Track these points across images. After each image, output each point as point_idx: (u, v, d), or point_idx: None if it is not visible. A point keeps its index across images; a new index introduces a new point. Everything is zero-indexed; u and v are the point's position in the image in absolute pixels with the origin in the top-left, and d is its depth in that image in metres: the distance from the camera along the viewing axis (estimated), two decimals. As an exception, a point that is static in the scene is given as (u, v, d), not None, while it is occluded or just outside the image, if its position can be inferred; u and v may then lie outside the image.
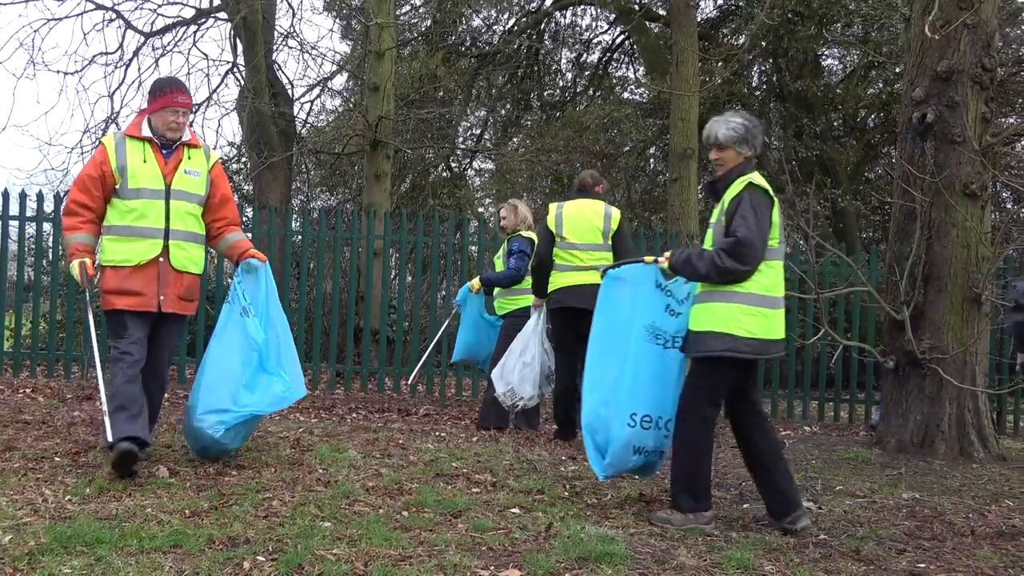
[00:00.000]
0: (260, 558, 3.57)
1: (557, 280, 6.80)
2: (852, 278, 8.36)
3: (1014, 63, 11.60)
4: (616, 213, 6.87)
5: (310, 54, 21.19)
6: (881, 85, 17.33)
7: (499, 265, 7.84)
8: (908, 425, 6.93)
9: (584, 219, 6.80)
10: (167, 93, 5.07)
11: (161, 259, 5.01)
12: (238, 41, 13.60)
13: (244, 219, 11.82)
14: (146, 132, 5.04)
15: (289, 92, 14.11)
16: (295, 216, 11.01)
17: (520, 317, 7.26)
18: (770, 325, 4.31)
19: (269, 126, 12.96)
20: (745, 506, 4.94)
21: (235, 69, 13.96)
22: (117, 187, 4.98)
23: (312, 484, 4.86)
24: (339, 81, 18.18)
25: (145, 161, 5.01)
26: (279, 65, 15.85)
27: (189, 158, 5.16)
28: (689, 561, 3.85)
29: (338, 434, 6.58)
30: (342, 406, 8.72)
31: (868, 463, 6.41)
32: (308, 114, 16.93)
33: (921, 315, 6.94)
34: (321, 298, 10.19)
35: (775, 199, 4.33)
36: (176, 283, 5.07)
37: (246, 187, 16.01)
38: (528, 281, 7.31)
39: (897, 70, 15.31)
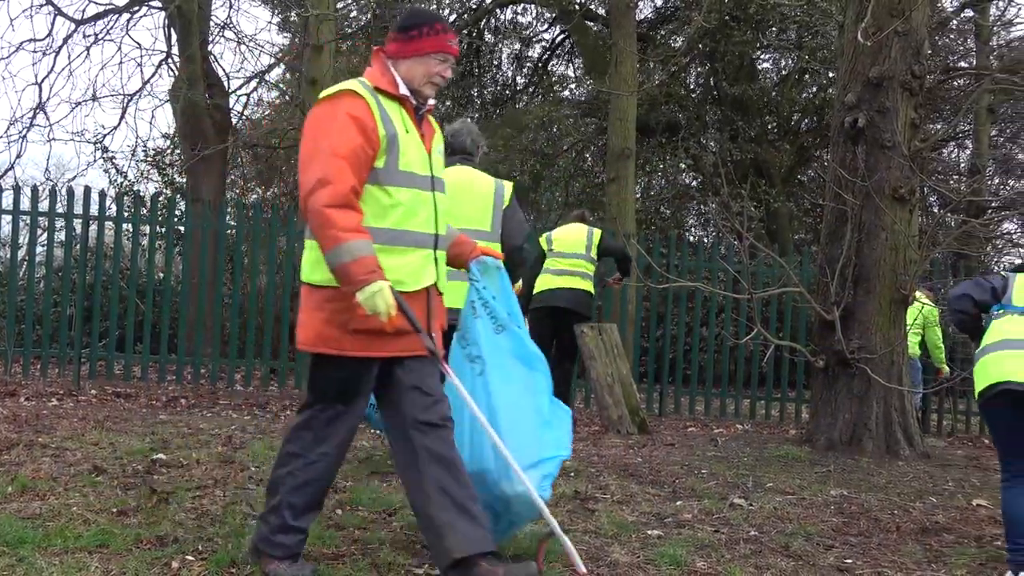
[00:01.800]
0: (189, 557, 3.50)
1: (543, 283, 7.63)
2: (784, 279, 8.50)
3: (942, 71, 11.90)
4: (597, 231, 7.91)
5: (247, 46, 20.82)
6: (815, 90, 17.67)
7: None
8: (837, 423, 7.07)
9: (574, 238, 7.79)
10: (438, 32, 3.43)
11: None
12: (172, 31, 13.35)
13: (177, 212, 11.63)
14: (403, 88, 3.39)
15: (225, 84, 13.89)
16: (229, 210, 10.84)
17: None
18: None
19: (204, 118, 12.74)
20: (679, 503, 4.99)
21: (169, 59, 13.70)
22: (378, 166, 3.25)
23: (244, 482, 4.78)
24: (276, 74, 17.94)
25: (408, 132, 3.36)
26: (215, 56, 15.61)
27: (435, 131, 3.58)
28: (622, 558, 3.88)
29: (272, 431, 6.50)
30: (276, 403, 8.62)
31: (798, 460, 6.53)
32: (244, 107, 16.68)
33: (851, 316, 7.08)
34: (255, 293, 10.05)
35: None
36: (441, 315, 3.54)
37: (179, 180, 15.73)
38: None
39: (830, 75, 15.62)
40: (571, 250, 7.73)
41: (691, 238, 17.89)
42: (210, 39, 13.54)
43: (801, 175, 18.66)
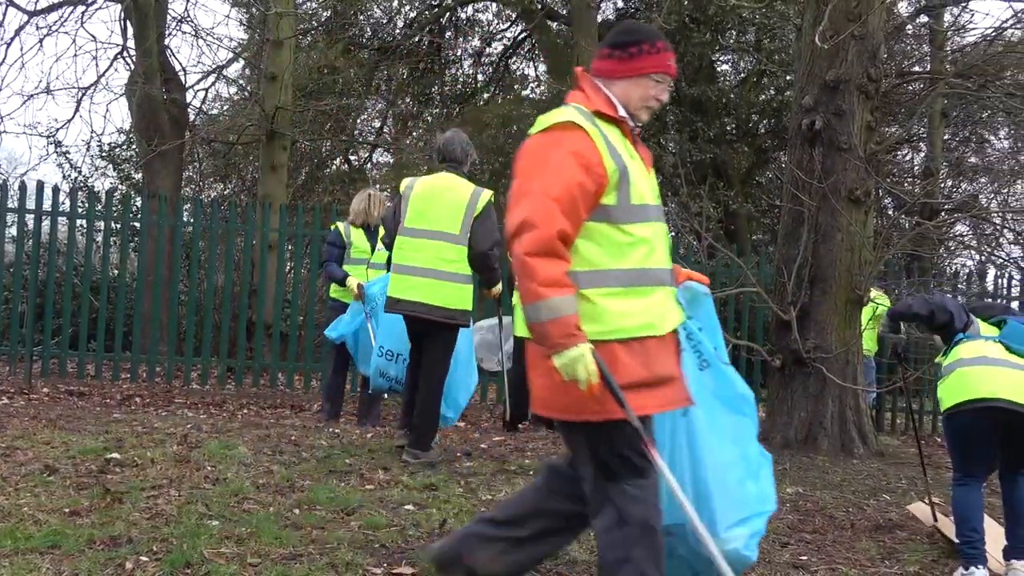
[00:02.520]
0: (144, 558, 3.46)
1: None
2: (742, 279, 8.58)
3: (898, 75, 12.08)
4: None
5: (205, 40, 20.60)
6: (773, 92, 17.85)
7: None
8: (793, 422, 7.15)
9: None
10: (659, 51, 3.07)
11: None
12: (128, 24, 13.14)
13: (133, 209, 11.46)
14: (622, 111, 3.05)
15: (182, 78, 13.69)
16: (186, 206, 10.71)
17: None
18: None
19: (160, 113, 12.56)
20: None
21: (125, 53, 13.47)
22: (609, 203, 2.92)
23: (200, 482, 4.73)
24: (235, 69, 17.75)
25: (632, 158, 3.04)
26: (172, 50, 15.42)
27: (650, 154, 3.28)
28: (581, 556, 3.89)
29: (228, 430, 6.43)
30: (233, 402, 8.53)
31: (755, 459, 6.58)
32: (202, 102, 16.48)
33: (807, 315, 7.16)
34: (212, 291, 9.95)
35: None
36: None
37: (135, 175, 15.51)
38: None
39: (788, 78, 15.78)
40: None
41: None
42: (167, 32, 13.35)
43: (759, 176, 18.85)
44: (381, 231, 6.15)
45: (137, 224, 10.83)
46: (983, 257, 17.45)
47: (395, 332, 5.91)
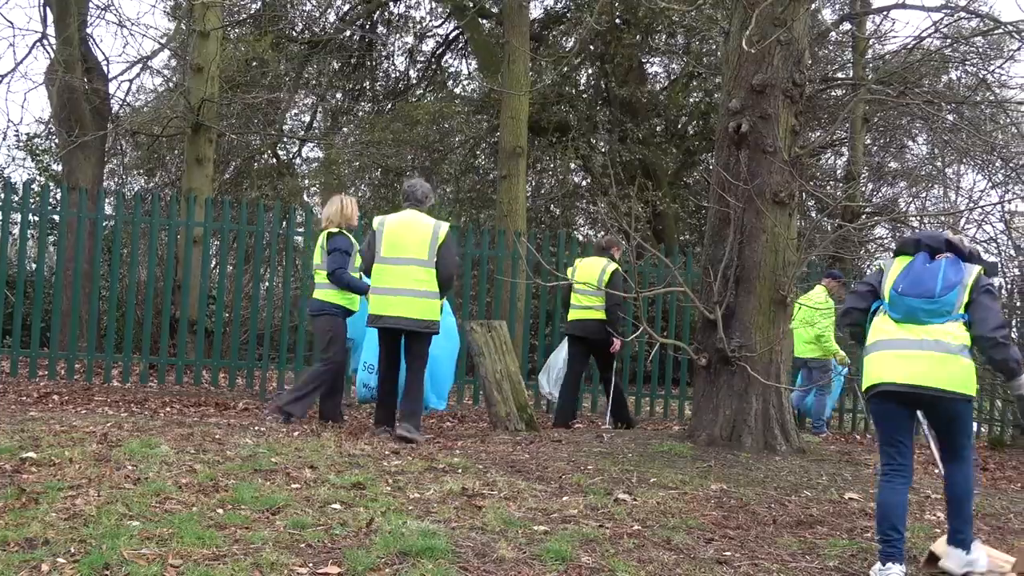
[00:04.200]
0: (61, 560, 3.37)
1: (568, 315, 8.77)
2: (670, 278, 8.70)
3: (821, 80, 12.35)
4: (611, 268, 8.50)
5: (129, 30, 20.11)
6: (701, 95, 18.12)
7: (317, 258, 7.59)
8: (718, 420, 7.25)
9: (590, 272, 8.51)
10: None
11: None
12: (48, 11, 12.77)
13: (51, 201, 11.14)
14: None
15: (105, 68, 13.35)
16: (108, 199, 10.45)
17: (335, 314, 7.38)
18: None
19: (81, 103, 12.24)
20: (565, 499, 5.05)
21: (45, 40, 13.08)
22: None
23: (120, 481, 4.62)
24: (160, 60, 17.38)
25: None
26: (94, 39, 15.00)
27: None
28: (509, 554, 3.90)
29: (150, 429, 6.29)
30: (155, 400, 8.36)
31: (681, 456, 6.68)
32: (126, 93, 16.10)
33: (732, 315, 7.27)
34: (135, 286, 9.73)
35: None
36: None
37: (55, 167, 15.09)
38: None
39: (716, 81, 16.04)
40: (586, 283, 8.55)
41: (580, 237, 18.09)
42: (89, 21, 13.01)
43: (687, 177, 19.11)
44: (358, 260, 7.30)
45: (56, 217, 10.54)
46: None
47: (374, 347, 7.12)
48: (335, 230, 7.34)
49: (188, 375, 9.85)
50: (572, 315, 8.70)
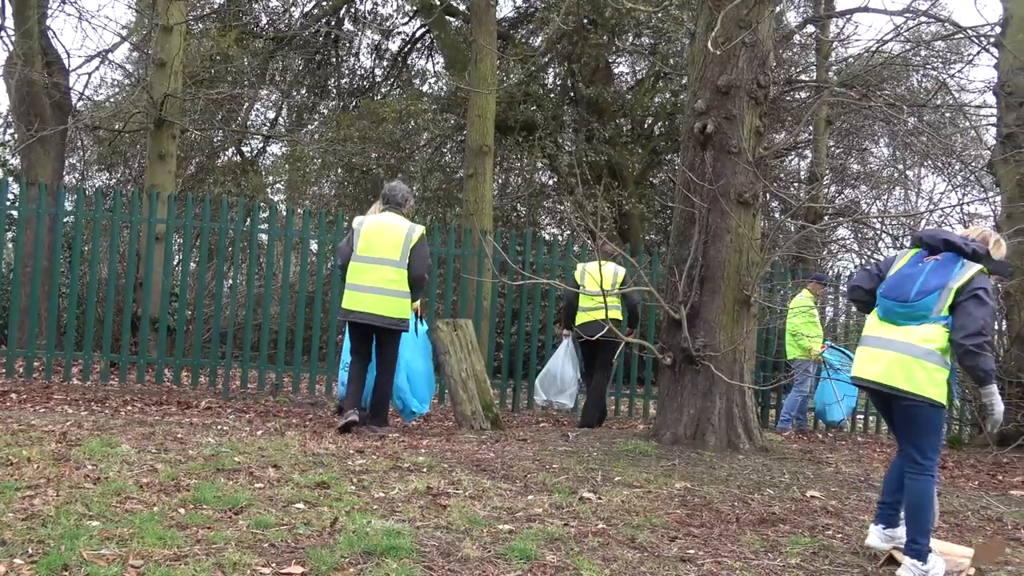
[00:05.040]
0: (18, 561, 3.31)
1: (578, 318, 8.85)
2: (635, 278, 8.72)
3: (786, 82, 12.46)
4: (622, 272, 8.89)
5: (90, 23, 19.82)
6: (667, 95, 18.19)
7: None
8: (682, 419, 7.30)
9: (606, 277, 8.58)
10: None
11: None
12: (7, 3, 12.55)
13: (10, 197, 10.96)
14: None
15: (65, 62, 13.16)
16: (68, 195, 10.30)
17: None
18: None
19: (41, 97, 12.04)
20: (530, 497, 5.05)
21: (3, 33, 12.87)
22: None
23: (80, 481, 4.55)
24: (122, 54, 17.17)
25: None
26: (54, 32, 14.78)
27: None
28: (474, 553, 3.89)
29: (110, 428, 6.21)
30: (116, 398, 8.25)
31: (645, 455, 6.71)
32: (86, 87, 15.87)
33: (697, 315, 7.32)
34: (95, 283, 9.60)
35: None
36: None
37: (13, 162, 14.85)
38: None
39: (682, 82, 16.12)
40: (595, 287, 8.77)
41: (546, 236, 18.13)
42: (49, 13, 12.82)
43: (653, 177, 19.19)
44: None
45: (15, 212, 10.37)
46: (864, 260, 18.18)
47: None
48: None
49: (150, 373, 9.74)
50: (585, 317, 8.79)
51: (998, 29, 10.04)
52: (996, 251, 4.27)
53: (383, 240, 7.06)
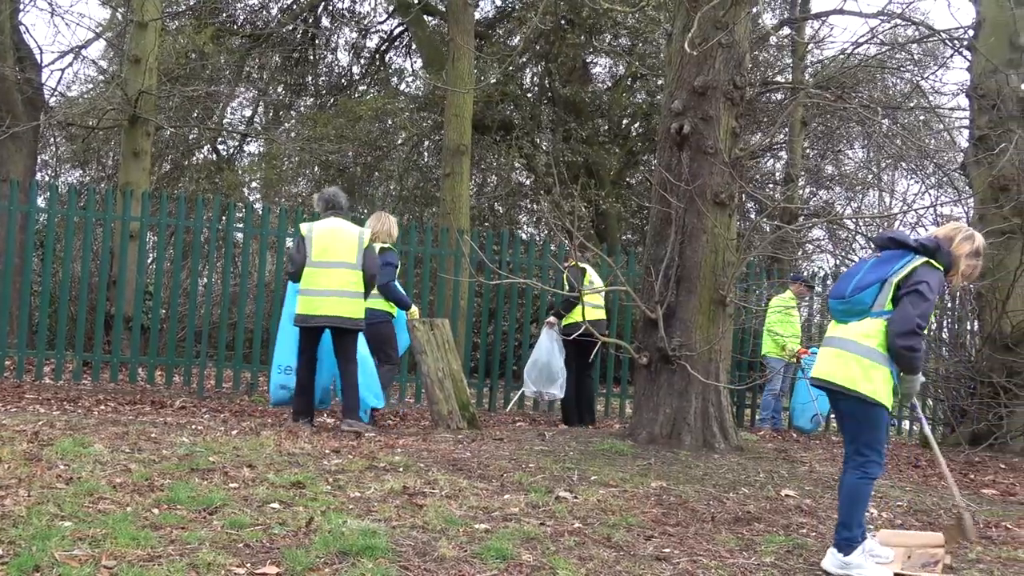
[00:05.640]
0: (-12, 562, 3.27)
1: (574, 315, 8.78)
2: (612, 278, 8.74)
3: (762, 83, 12.55)
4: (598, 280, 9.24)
5: (63, 18, 19.66)
6: (644, 95, 18.25)
7: None
8: (658, 418, 7.32)
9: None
10: None
11: None
12: (-22, -2, 12.41)
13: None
14: None
15: (37, 57, 13.03)
16: (40, 192, 10.20)
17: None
18: None
19: (13, 93, 11.91)
20: (506, 497, 5.05)
21: (-26, 28, 12.72)
22: None
23: (52, 481, 4.51)
24: (96, 50, 17.02)
25: None
26: (26, 27, 14.60)
27: None
28: (450, 552, 3.89)
29: (83, 427, 6.16)
30: (89, 397, 8.18)
31: (621, 454, 6.73)
32: (58, 83, 15.71)
33: (673, 314, 7.34)
34: (68, 282, 9.50)
35: None
36: None
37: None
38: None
39: (659, 82, 16.17)
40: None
41: (523, 236, 18.15)
42: (21, 8, 12.69)
43: (630, 178, 19.25)
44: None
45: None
46: (838, 260, 18.31)
47: (290, 349, 7.50)
48: (387, 245, 7.92)
49: (123, 372, 9.66)
50: (593, 315, 8.71)
51: (971, 32, 10.14)
52: (960, 247, 4.23)
53: (337, 244, 7.23)
